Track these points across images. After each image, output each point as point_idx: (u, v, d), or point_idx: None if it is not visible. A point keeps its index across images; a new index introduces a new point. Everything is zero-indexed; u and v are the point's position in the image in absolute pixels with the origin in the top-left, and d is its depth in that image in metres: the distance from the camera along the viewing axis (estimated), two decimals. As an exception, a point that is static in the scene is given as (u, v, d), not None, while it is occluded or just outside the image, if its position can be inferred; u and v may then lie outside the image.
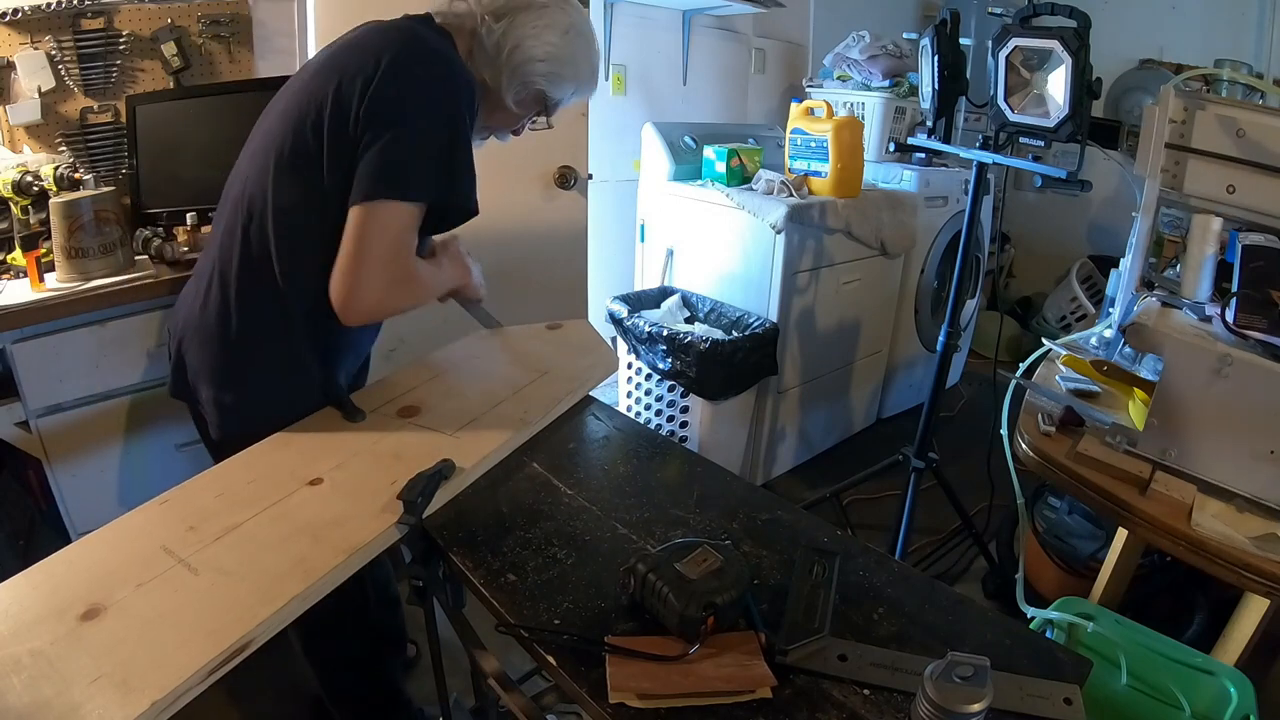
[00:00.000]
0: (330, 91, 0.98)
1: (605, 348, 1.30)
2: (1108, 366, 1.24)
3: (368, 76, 0.97)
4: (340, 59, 1.02)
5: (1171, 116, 1.11)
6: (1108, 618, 1.17)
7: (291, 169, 1.00)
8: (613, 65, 2.71)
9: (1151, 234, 1.20)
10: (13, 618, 0.70)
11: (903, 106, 2.75)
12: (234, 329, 1.03)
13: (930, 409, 1.88)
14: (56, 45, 1.65)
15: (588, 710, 0.65)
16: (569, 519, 0.89)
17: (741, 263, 2.34)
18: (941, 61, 1.65)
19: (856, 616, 0.74)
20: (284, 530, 0.82)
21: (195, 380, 1.07)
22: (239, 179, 1.06)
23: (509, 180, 2.10)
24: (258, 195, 1.01)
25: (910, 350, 2.94)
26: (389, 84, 0.96)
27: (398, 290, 1.01)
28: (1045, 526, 1.89)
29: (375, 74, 0.96)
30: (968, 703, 0.55)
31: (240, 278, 1.03)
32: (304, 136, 0.99)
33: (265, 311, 1.03)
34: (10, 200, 1.52)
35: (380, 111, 0.96)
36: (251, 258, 1.02)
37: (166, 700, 0.62)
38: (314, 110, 0.99)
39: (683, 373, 2.16)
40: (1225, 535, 0.93)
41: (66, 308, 1.36)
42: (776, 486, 2.51)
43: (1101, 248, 3.75)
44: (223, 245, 1.05)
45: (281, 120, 1.02)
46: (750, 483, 1.09)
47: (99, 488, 1.49)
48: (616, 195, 2.83)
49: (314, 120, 0.99)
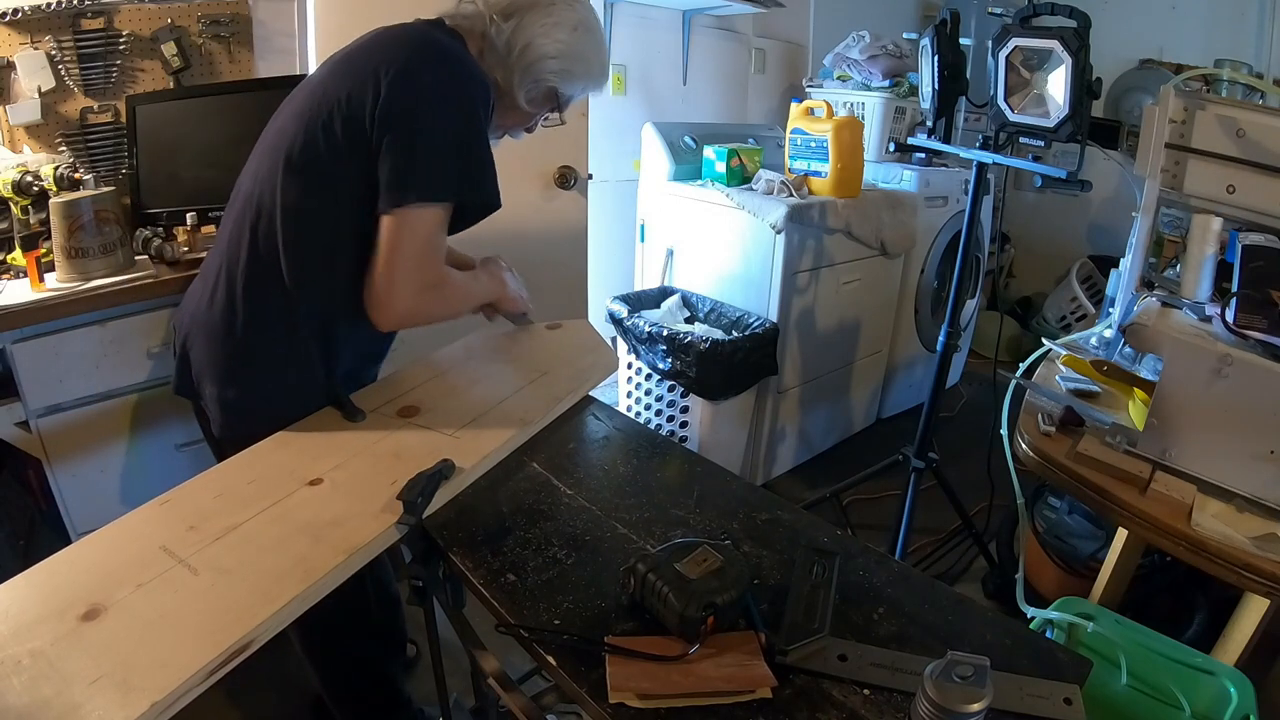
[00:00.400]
0: (344, 94, 0.99)
1: (605, 348, 1.30)
2: (1108, 366, 1.24)
3: (382, 79, 0.97)
4: (355, 62, 1.03)
5: (1171, 116, 1.11)
6: (1108, 618, 1.17)
7: (301, 169, 1.00)
8: (613, 65, 2.70)
9: (1151, 234, 1.20)
10: (13, 618, 0.70)
11: (903, 106, 2.75)
12: (240, 326, 1.03)
13: (930, 409, 1.88)
14: (56, 45, 1.65)
15: (588, 710, 0.65)
16: (569, 519, 0.89)
17: (741, 263, 2.34)
18: (941, 61, 1.65)
19: (856, 616, 0.74)
20: (284, 530, 0.82)
21: (199, 377, 1.07)
22: (250, 176, 1.07)
23: (509, 180, 2.06)
24: (267, 194, 1.02)
25: (910, 350, 2.94)
26: (405, 87, 0.97)
27: (431, 295, 1.04)
28: (1045, 526, 1.89)
29: (390, 77, 0.97)
30: (968, 702, 0.55)
31: (247, 276, 1.03)
32: (315, 138, 0.99)
33: (272, 310, 1.04)
34: (10, 200, 1.52)
35: (397, 115, 0.97)
36: (259, 256, 1.02)
37: (167, 701, 0.62)
38: (326, 112, 0.99)
39: (683, 373, 2.16)
40: (1225, 535, 0.93)
41: (66, 308, 1.36)
42: (776, 486, 2.51)
43: (1101, 248, 3.75)
44: (230, 243, 1.05)
45: (294, 120, 1.02)
46: (750, 483, 1.09)
47: (99, 488, 1.49)
48: (616, 195, 2.83)
49: (326, 122, 0.99)
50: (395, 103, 0.97)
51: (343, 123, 0.98)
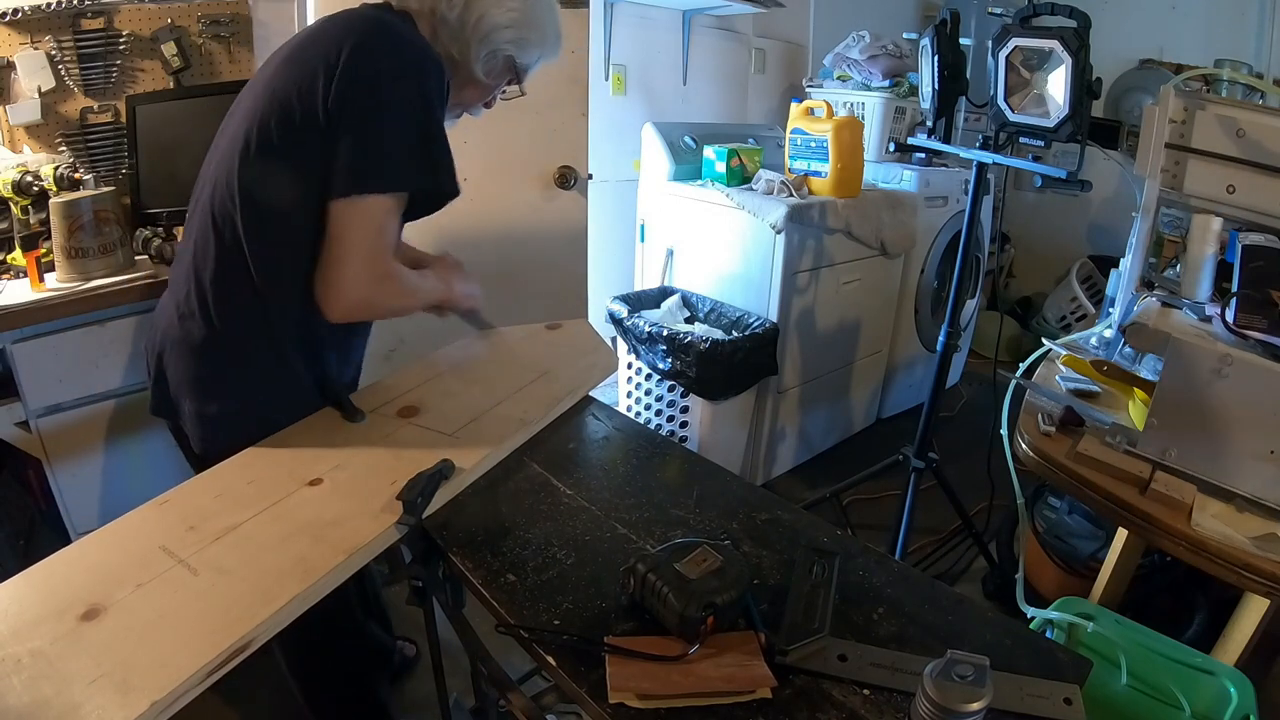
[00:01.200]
0: (295, 87, 0.96)
1: (605, 348, 1.30)
2: (1108, 366, 1.24)
3: (332, 67, 0.95)
4: (303, 53, 1.00)
5: (1171, 116, 1.11)
6: (1108, 618, 1.17)
7: (259, 168, 0.98)
8: (613, 65, 2.71)
9: (1151, 234, 1.20)
10: (13, 618, 0.70)
11: (903, 106, 2.75)
12: (215, 336, 1.01)
13: (930, 409, 1.88)
14: (56, 45, 1.65)
15: (588, 710, 0.65)
16: (569, 519, 0.89)
17: (741, 263, 2.34)
18: (941, 61, 1.65)
19: (856, 616, 0.74)
20: (284, 530, 0.82)
21: (177, 394, 1.05)
22: (207, 183, 1.04)
23: (509, 180, 2.10)
24: (227, 198, 0.99)
25: (910, 350, 2.94)
26: (356, 73, 0.95)
27: (383, 286, 1.01)
28: (1045, 526, 1.89)
29: (340, 64, 0.95)
30: (967, 702, 0.55)
31: (216, 283, 1.00)
32: (269, 135, 0.97)
33: (246, 315, 1.01)
34: (10, 200, 1.52)
35: (350, 101, 0.95)
36: (227, 264, 1.00)
37: (166, 700, 0.62)
38: (278, 107, 0.97)
39: (683, 373, 2.16)
40: (1225, 535, 0.93)
41: (66, 308, 1.36)
42: (776, 486, 2.51)
43: (1101, 248, 3.75)
44: (197, 253, 1.02)
45: (245, 120, 1.00)
46: (750, 483, 1.09)
47: (99, 488, 1.49)
48: (616, 195, 2.83)
49: (279, 117, 0.97)
50: (347, 89, 0.95)
51: (297, 117, 0.96)
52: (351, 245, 0.97)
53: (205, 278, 1.01)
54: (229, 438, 1.00)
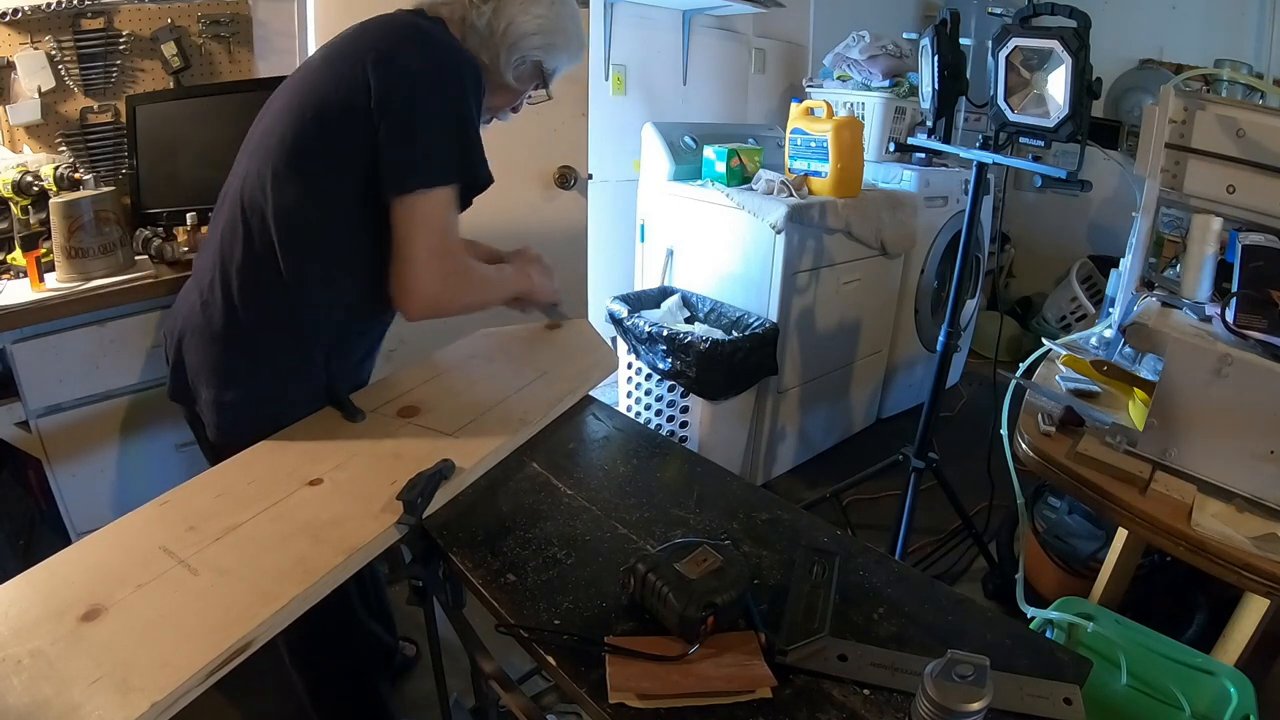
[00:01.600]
0: (334, 87, 0.99)
1: (605, 348, 1.30)
2: (1108, 366, 1.24)
3: (371, 69, 0.97)
4: (342, 54, 1.03)
5: (1171, 116, 1.11)
6: (1108, 618, 1.17)
7: (293, 166, 1.00)
8: (613, 65, 2.71)
9: (1151, 234, 1.20)
10: (13, 618, 0.70)
11: (903, 106, 2.75)
12: (238, 327, 1.03)
13: (930, 409, 1.88)
14: (56, 45, 1.65)
15: (588, 710, 0.65)
16: (569, 519, 0.89)
17: (741, 263, 2.34)
18: (941, 61, 1.65)
19: (856, 616, 0.74)
20: (284, 530, 0.82)
21: (195, 381, 1.06)
22: (238, 177, 1.06)
23: (509, 180, 2.08)
24: (259, 192, 1.01)
25: (910, 350, 2.94)
26: (398, 74, 0.98)
27: (456, 281, 1.05)
28: (1045, 526, 1.89)
29: (380, 66, 0.97)
30: (967, 702, 0.55)
31: (243, 275, 1.02)
32: (307, 132, 0.99)
33: (271, 309, 1.03)
34: (10, 200, 1.52)
35: (393, 102, 0.97)
36: (255, 255, 1.02)
37: (166, 701, 0.62)
38: (314, 107, 0.99)
39: (683, 373, 2.16)
40: (1225, 535, 0.93)
41: (66, 308, 1.36)
42: (776, 486, 2.51)
43: (1101, 248, 3.75)
44: (224, 243, 1.04)
45: (282, 117, 1.02)
46: (750, 483, 1.09)
47: (99, 488, 1.49)
48: (616, 195, 2.83)
49: (315, 116, 0.99)
50: (390, 90, 0.97)
51: (336, 116, 0.98)
52: (418, 242, 1.00)
53: (231, 268, 1.03)
54: (245, 427, 1.01)
